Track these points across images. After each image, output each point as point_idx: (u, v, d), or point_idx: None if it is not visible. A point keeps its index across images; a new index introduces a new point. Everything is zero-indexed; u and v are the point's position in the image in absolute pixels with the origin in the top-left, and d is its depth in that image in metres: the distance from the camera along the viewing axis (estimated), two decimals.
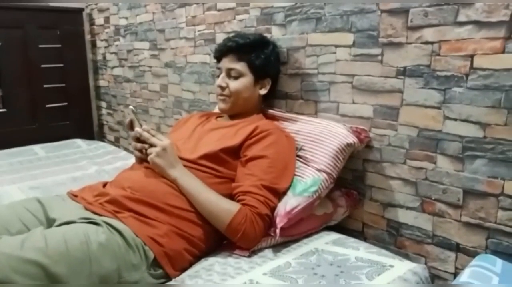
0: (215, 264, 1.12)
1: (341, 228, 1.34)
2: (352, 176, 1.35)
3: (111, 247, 1.00)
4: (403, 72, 1.16)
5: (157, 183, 1.18)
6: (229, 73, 1.36)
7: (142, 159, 1.26)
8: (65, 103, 2.71)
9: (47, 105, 2.64)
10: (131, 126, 1.27)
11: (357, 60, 1.27)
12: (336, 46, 1.32)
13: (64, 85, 2.68)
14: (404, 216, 1.24)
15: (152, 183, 1.18)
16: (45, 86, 2.61)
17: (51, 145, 2.51)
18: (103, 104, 2.81)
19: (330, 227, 1.33)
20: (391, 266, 1.05)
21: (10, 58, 2.46)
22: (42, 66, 2.58)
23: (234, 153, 1.25)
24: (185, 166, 1.22)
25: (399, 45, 1.16)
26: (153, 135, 1.23)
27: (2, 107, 2.49)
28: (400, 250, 1.25)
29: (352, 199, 1.35)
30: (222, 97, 1.37)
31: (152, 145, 1.21)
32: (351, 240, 1.22)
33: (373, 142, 1.28)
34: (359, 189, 1.35)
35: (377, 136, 1.26)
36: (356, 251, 1.15)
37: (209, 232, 1.16)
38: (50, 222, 1.12)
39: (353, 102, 1.31)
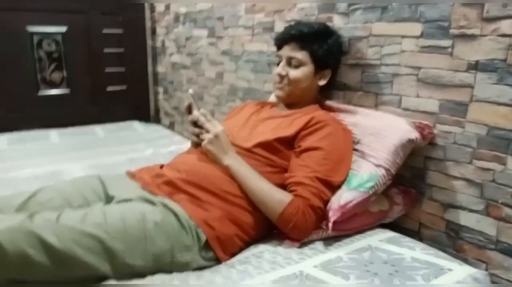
0: (265, 252, 1.11)
1: (396, 226, 1.29)
2: (412, 173, 1.30)
3: (166, 227, 1.02)
4: (474, 66, 1.09)
5: (211, 168, 1.19)
6: (289, 62, 1.33)
7: (198, 144, 1.28)
8: (124, 87, 2.80)
9: (108, 88, 2.75)
10: (189, 110, 1.28)
11: (424, 52, 1.21)
12: (402, 36, 1.26)
13: (124, 69, 2.78)
14: (465, 219, 1.17)
15: (207, 168, 1.19)
16: (106, 70, 2.71)
17: (110, 127, 2.63)
18: (160, 89, 2.88)
19: (385, 225, 1.28)
20: (450, 269, 1.00)
21: (74, 42, 2.59)
22: (104, 50, 2.68)
23: (288, 143, 1.23)
24: (238, 153, 1.22)
25: (472, 37, 1.09)
26: (208, 121, 1.24)
27: (66, 88, 2.62)
28: (458, 254, 1.19)
29: (410, 198, 1.30)
30: (280, 85, 1.35)
31: (206, 131, 1.22)
32: (407, 240, 1.17)
33: (437, 139, 1.21)
34: (418, 188, 1.29)
35: (442, 133, 1.20)
36: (412, 251, 1.10)
37: (260, 219, 1.16)
38: (109, 199, 1.17)
39: (418, 96, 1.25)
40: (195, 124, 1.26)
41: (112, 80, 2.75)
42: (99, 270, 0.93)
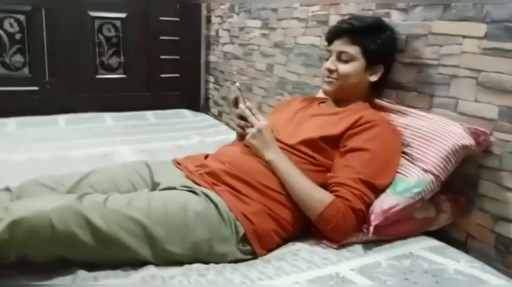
0: (302, 250, 1.11)
1: (441, 235, 1.23)
2: (463, 181, 1.23)
3: (206, 217, 1.04)
4: None
5: (253, 161, 1.19)
6: (339, 56, 1.30)
7: (243, 137, 1.28)
8: (177, 75, 2.87)
9: (161, 75, 2.82)
10: (236, 103, 1.29)
11: (487, 54, 1.13)
12: (464, 36, 1.19)
13: (178, 57, 2.84)
14: None
15: (249, 161, 1.20)
16: (161, 57, 2.78)
17: (161, 113, 2.70)
18: (211, 78, 2.92)
19: (429, 233, 1.23)
20: (496, 286, 0.94)
21: (132, 28, 2.67)
22: (160, 38, 2.75)
23: (334, 142, 1.21)
24: (282, 149, 1.21)
25: None
26: (253, 114, 1.24)
27: (123, 73, 2.72)
28: (507, 270, 1.12)
29: (458, 206, 1.24)
30: (329, 80, 1.32)
31: (251, 125, 1.22)
32: (451, 250, 1.12)
33: (493, 147, 1.14)
34: (468, 197, 1.22)
35: (499, 141, 1.13)
36: (456, 262, 1.05)
37: (298, 216, 1.15)
38: (154, 185, 1.20)
39: (476, 101, 1.18)
40: (241, 117, 1.27)
41: (166, 67, 2.82)
42: (140, 254, 0.97)
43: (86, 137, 2.08)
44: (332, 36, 1.33)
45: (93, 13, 2.58)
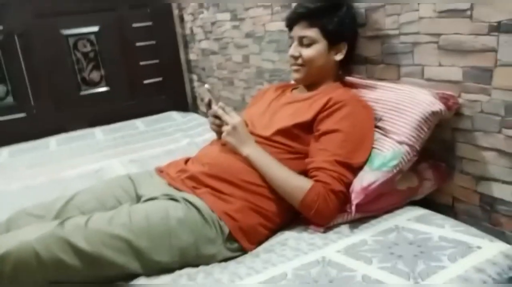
0: (290, 239, 1.12)
1: (429, 202, 1.24)
2: (441, 146, 1.23)
3: (189, 222, 1.06)
4: (496, 28, 1.00)
5: (232, 159, 1.21)
6: (301, 41, 1.30)
7: (221, 134, 1.29)
8: (160, 78, 2.87)
9: (144, 81, 2.83)
10: (209, 104, 1.30)
11: (443, 17, 1.12)
12: (419, 2, 1.18)
13: (157, 61, 2.84)
14: (499, 191, 1.10)
15: (228, 159, 1.21)
16: (141, 63, 2.78)
17: (150, 119, 2.72)
18: (194, 77, 2.93)
19: (416, 202, 1.24)
20: (479, 247, 0.96)
21: (107, 40, 2.67)
22: (137, 44, 2.75)
23: (307, 128, 1.21)
24: (259, 142, 1.22)
25: None
26: (226, 113, 1.25)
27: (105, 85, 2.73)
28: (495, 228, 1.13)
29: (440, 172, 1.24)
30: (295, 67, 1.32)
31: (225, 123, 1.23)
32: (437, 217, 1.13)
33: (463, 109, 1.14)
34: (448, 161, 1.23)
35: (468, 102, 1.12)
36: (441, 229, 1.06)
37: (283, 206, 1.16)
38: (139, 198, 1.22)
39: (440, 65, 1.17)
40: (216, 116, 1.28)
41: (147, 73, 2.83)
42: (129, 268, 1.00)
43: (78, 156, 2.11)
44: (291, 22, 1.33)
45: (66, 31, 2.59)
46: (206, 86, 1.30)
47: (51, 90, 2.58)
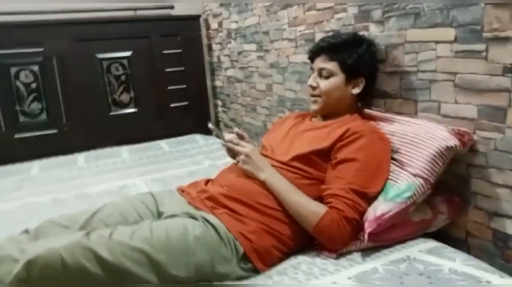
0: (302, 263, 1.15)
1: (443, 235, 1.26)
2: (455, 181, 1.26)
3: (206, 240, 1.11)
4: (510, 70, 1.04)
5: (250, 183, 1.26)
6: (320, 73, 1.37)
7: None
8: (186, 103, 2.98)
9: (171, 105, 2.94)
10: (219, 137, 1.37)
11: (459, 57, 1.18)
12: (437, 42, 1.23)
13: (185, 86, 2.95)
14: None
15: (245, 182, 1.27)
16: (169, 88, 2.90)
17: (175, 141, 2.81)
18: (219, 102, 3.02)
19: (430, 235, 1.25)
20: (488, 282, 0.97)
21: (139, 64, 2.81)
22: (166, 70, 2.87)
23: (324, 155, 1.26)
24: (277, 167, 1.27)
25: (506, 39, 1.04)
26: (236, 144, 1.31)
27: (134, 107, 2.85)
28: (507, 264, 1.14)
29: (454, 206, 1.26)
30: (313, 98, 1.39)
31: (238, 153, 1.30)
32: (449, 250, 1.15)
33: (478, 146, 1.17)
34: (463, 196, 1.25)
35: (482, 139, 1.15)
36: (452, 262, 1.07)
37: (297, 230, 1.20)
38: (159, 214, 1.28)
39: (456, 102, 1.21)
40: (228, 149, 1.34)
41: (175, 97, 2.94)
42: (147, 280, 1.04)
43: (104, 173, 2.19)
44: (312, 54, 1.40)
45: (101, 55, 2.73)
46: (210, 125, 1.38)
47: (83, 110, 2.70)
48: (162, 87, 2.88)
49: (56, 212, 1.36)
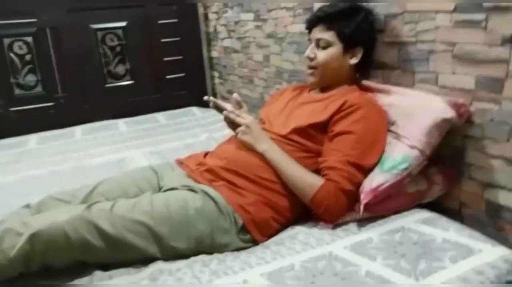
0: (299, 233, 1.18)
1: (437, 206, 1.28)
2: (450, 153, 1.27)
3: (206, 213, 1.13)
4: (509, 40, 1.04)
5: (248, 155, 1.27)
6: (318, 43, 1.35)
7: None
8: (183, 74, 2.95)
9: (167, 76, 2.91)
10: (220, 110, 1.35)
11: (459, 26, 1.16)
12: (436, 11, 1.22)
13: (181, 57, 2.92)
14: (505, 199, 1.14)
15: (244, 155, 1.27)
16: (164, 59, 2.87)
17: (171, 113, 2.80)
18: (216, 74, 3.00)
19: (425, 205, 1.28)
20: (480, 250, 1.00)
21: (134, 35, 2.76)
22: (162, 40, 2.83)
23: (322, 128, 1.27)
24: (275, 140, 1.28)
25: (506, 9, 1.03)
26: (238, 115, 1.31)
27: (130, 79, 2.82)
28: (499, 233, 1.16)
29: (449, 177, 1.28)
30: (310, 70, 1.38)
31: (238, 124, 1.30)
32: (443, 220, 1.17)
33: (474, 117, 1.18)
34: (457, 167, 1.26)
35: (479, 111, 1.16)
36: (445, 231, 1.10)
37: (295, 202, 1.22)
38: (160, 188, 1.30)
39: (454, 73, 1.21)
40: (229, 119, 1.34)
41: (171, 68, 2.91)
42: (148, 252, 1.07)
43: (101, 145, 2.20)
44: (310, 24, 1.38)
45: (95, 26, 2.68)
46: (205, 98, 1.36)
47: (78, 82, 2.68)
48: (157, 58, 2.85)
49: (54, 185, 1.38)
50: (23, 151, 2.20)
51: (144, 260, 1.08)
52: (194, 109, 2.85)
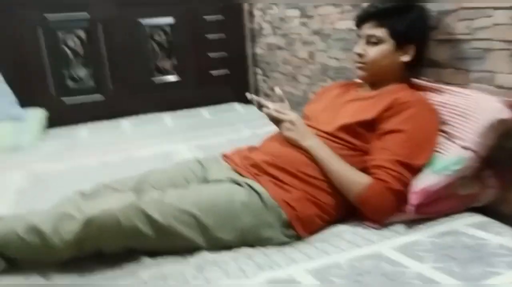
0: (345, 232, 1.17)
1: (490, 211, 1.23)
2: (506, 155, 1.22)
3: (251, 206, 1.14)
4: None
5: (293, 152, 1.26)
6: (368, 40, 1.32)
7: None
8: (227, 70, 2.98)
9: (211, 72, 2.95)
10: (260, 106, 1.36)
11: None
12: (495, 8, 1.17)
13: (225, 53, 2.95)
14: None
15: (290, 152, 1.27)
16: (209, 55, 2.91)
17: (215, 108, 2.84)
18: (259, 70, 3.01)
19: (476, 209, 1.23)
20: None
21: (180, 31, 2.82)
22: (207, 36, 2.87)
23: (370, 126, 1.24)
24: (321, 137, 1.27)
25: None
26: (280, 113, 1.30)
27: (176, 74, 2.89)
28: None
29: (504, 181, 1.23)
30: (359, 65, 1.35)
31: (282, 121, 1.29)
32: (497, 225, 1.13)
33: None
34: None
35: None
36: (500, 237, 1.06)
37: (340, 200, 1.21)
38: (206, 180, 1.32)
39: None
40: (272, 117, 1.33)
41: (215, 64, 2.95)
42: (194, 241, 1.10)
43: (149, 138, 2.26)
44: (360, 20, 1.36)
45: (144, 21, 2.76)
46: (249, 95, 1.36)
47: (127, 75, 2.77)
48: (202, 54, 2.90)
49: (105, 175, 1.43)
50: (74, 141, 2.30)
51: (190, 249, 1.10)
52: (237, 105, 2.87)
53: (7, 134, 2.16)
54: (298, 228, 1.16)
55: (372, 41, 1.31)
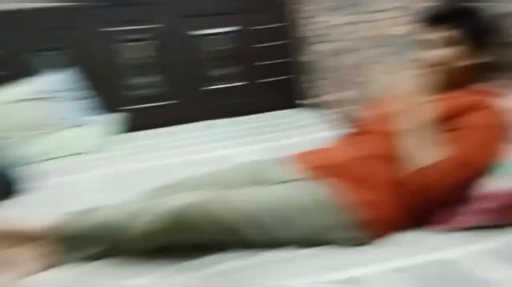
0: (413, 237, 1.15)
1: None
2: None
3: (313, 208, 1.15)
4: None
5: (358, 157, 1.27)
6: (435, 43, 1.30)
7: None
8: (275, 78, 3.05)
9: (261, 80, 3.03)
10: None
11: None
12: None
13: (273, 61, 3.02)
14: None
15: (354, 156, 1.28)
16: (262, 63, 3.00)
17: (269, 115, 2.92)
18: (308, 78, 3.00)
19: None
20: None
21: (234, 41, 2.93)
22: (257, 45, 2.97)
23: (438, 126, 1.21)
24: (386, 138, 1.27)
25: None
26: None
27: (232, 81, 3.00)
28: None
29: None
30: (427, 69, 1.33)
31: None
32: None
33: None
34: None
35: None
36: None
37: (409, 207, 1.19)
38: (264, 182, 1.33)
39: None
40: None
41: (268, 72, 3.01)
42: (254, 241, 1.12)
43: (208, 142, 2.35)
44: (426, 23, 1.34)
45: (202, 32, 2.88)
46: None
47: (190, 84, 2.92)
48: (255, 62, 2.98)
49: (169, 176, 1.50)
50: (142, 144, 2.43)
51: (252, 248, 1.13)
52: (287, 112, 2.93)
53: (84, 138, 2.35)
54: (363, 232, 1.14)
55: (440, 45, 1.29)
